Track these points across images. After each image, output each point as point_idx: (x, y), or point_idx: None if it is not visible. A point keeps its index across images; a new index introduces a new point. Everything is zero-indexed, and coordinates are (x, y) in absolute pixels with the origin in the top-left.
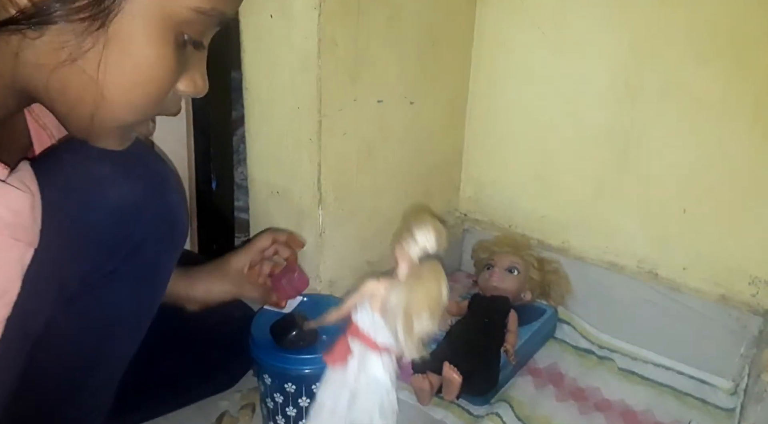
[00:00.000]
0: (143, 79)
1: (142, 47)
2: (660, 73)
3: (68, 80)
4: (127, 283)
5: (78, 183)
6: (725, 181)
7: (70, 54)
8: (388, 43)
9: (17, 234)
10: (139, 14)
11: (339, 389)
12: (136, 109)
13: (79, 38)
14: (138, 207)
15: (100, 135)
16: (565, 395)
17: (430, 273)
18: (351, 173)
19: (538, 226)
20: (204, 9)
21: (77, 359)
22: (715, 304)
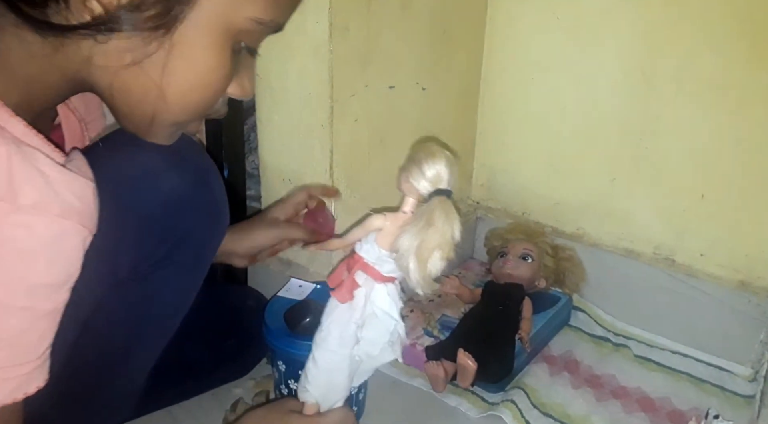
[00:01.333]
0: (201, 84)
1: (202, 54)
2: (675, 59)
3: (132, 82)
4: (173, 271)
5: (131, 173)
6: (742, 166)
7: (135, 58)
8: (400, 28)
9: (84, 220)
10: (202, 23)
11: (346, 319)
12: (192, 111)
13: (145, 43)
14: (186, 199)
15: (155, 132)
16: (581, 382)
17: (441, 213)
18: (363, 160)
19: (552, 213)
20: (263, 20)
21: (119, 343)
22: (734, 290)
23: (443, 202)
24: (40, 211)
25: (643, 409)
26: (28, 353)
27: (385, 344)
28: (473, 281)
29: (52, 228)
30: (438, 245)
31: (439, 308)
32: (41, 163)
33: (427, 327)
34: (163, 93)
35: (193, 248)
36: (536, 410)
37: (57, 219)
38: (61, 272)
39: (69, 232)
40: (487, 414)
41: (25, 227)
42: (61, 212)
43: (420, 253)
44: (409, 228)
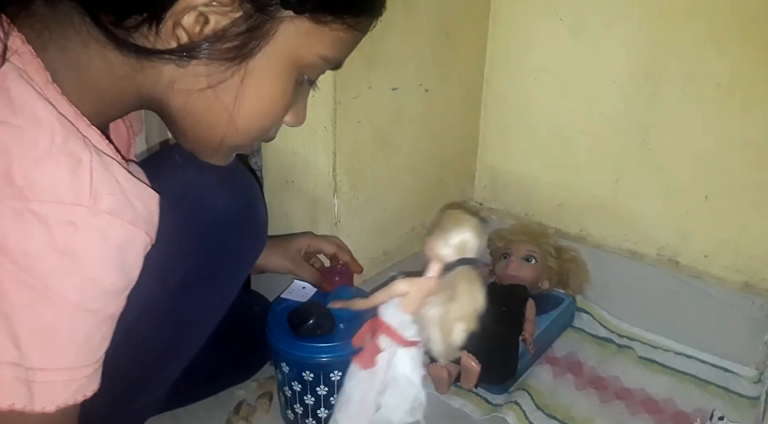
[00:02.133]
0: (267, 112)
1: (271, 84)
2: (680, 60)
3: (206, 106)
4: (215, 286)
5: (185, 189)
6: (747, 167)
7: (210, 83)
8: (403, 30)
9: (149, 229)
10: (275, 56)
11: (367, 383)
12: (253, 136)
13: (221, 70)
14: (236, 218)
15: (215, 154)
16: (585, 384)
17: (465, 285)
18: (366, 162)
19: (555, 214)
20: (328, 57)
21: (157, 351)
22: (738, 291)
23: (468, 272)
24: (115, 217)
25: (647, 410)
26: (90, 356)
27: (406, 411)
28: None
29: (123, 234)
30: (461, 317)
31: None
32: (117, 172)
33: None
34: (233, 119)
35: (237, 264)
36: (540, 412)
37: (127, 226)
38: (127, 277)
39: (136, 239)
40: (491, 416)
41: (101, 231)
42: (132, 219)
43: (443, 324)
44: (434, 299)
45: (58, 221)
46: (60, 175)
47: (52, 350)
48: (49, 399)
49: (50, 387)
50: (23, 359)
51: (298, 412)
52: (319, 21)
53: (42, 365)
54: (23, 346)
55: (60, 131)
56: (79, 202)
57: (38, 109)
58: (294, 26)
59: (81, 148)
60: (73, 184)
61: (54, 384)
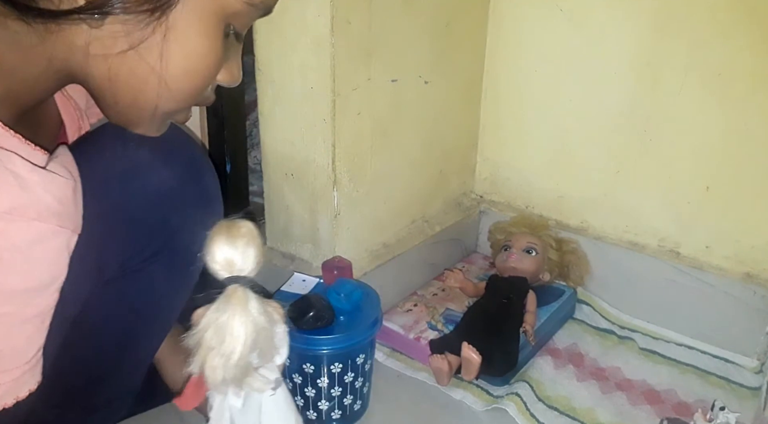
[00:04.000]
0: (195, 69)
1: (196, 38)
2: (681, 50)
3: (130, 69)
4: (163, 267)
5: (118, 169)
6: (749, 157)
7: (131, 43)
8: (403, 21)
9: (63, 222)
10: (196, 6)
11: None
12: (186, 99)
13: (140, 28)
14: (176, 192)
15: (146, 123)
16: (586, 375)
17: (224, 311)
18: (365, 154)
19: (556, 206)
20: (255, 2)
21: (111, 340)
22: (739, 282)
23: (229, 295)
24: (14, 216)
25: (648, 401)
26: (14, 359)
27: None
28: (477, 275)
29: (28, 233)
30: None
31: (443, 302)
32: (15, 165)
33: (431, 321)
34: (163, 79)
35: (185, 241)
36: (541, 403)
37: (33, 223)
38: (42, 276)
39: (47, 235)
40: (491, 407)
41: (1, 233)
42: (38, 215)
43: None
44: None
45: None
46: None
47: None
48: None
49: None
50: None
51: (298, 404)
52: None
53: None
54: None
55: None
56: None
57: None
58: None
59: None
60: None
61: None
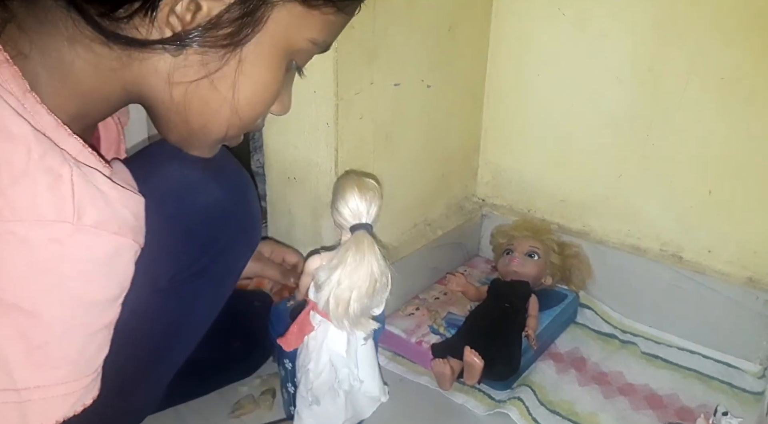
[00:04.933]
0: (259, 99)
1: (264, 71)
2: (684, 53)
3: (198, 97)
4: (208, 283)
5: (174, 186)
6: (752, 162)
7: (206, 73)
8: (406, 25)
9: (137, 236)
10: (268, 41)
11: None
12: (246, 125)
13: (214, 59)
14: (226, 212)
15: (201, 146)
16: (588, 380)
17: (354, 251)
18: (368, 158)
19: (558, 210)
20: (318, 41)
21: (151, 349)
22: (742, 287)
23: (358, 238)
24: (100, 230)
25: (650, 406)
26: (87, 367)
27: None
28: (479, 279)
29: (110, 246)
30: (351, 286)
31: (444, 306)
32: (99, 181)
33: (432, 325)
34: (233, 108)
35: (229, 260)
36: (543, 408)
37: (114, 237)
38: (117, 287)
39: (124, 249)
40: (494, 412)
41: (87, 246)
42: (119, 228)
43: (337, 296)
44: (325, 264)
45: (42, 239)
46: (39, 192)
47: (46, 369)
48: (48, 415)
49: (48, 403)
50: (15, 382)
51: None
52: (311, 5)
53: (37, 383)
54: (14, 369)
55: (36, 147)
56: (62, 219)
57: (12, 125)
58: (286, 11)
59: (60, 162)
60: (54, 201)
61: (52, 400)
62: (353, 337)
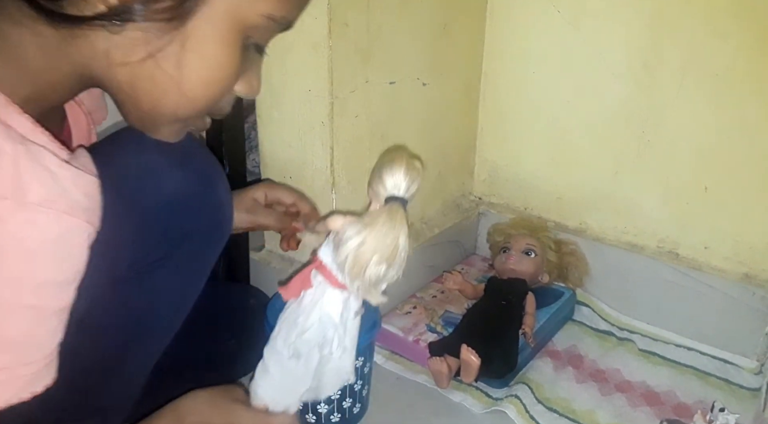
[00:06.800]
0: (212, 78)
1: (213, 47)
2: (679, 49)
3: (146, 77)
4: (172, 272)
5: (133, 170)
6: (747, 158)
7: (148, 51)
8: (400, 23)
9: (90, 217)
10: (214, 17)
11: (293, 320)
12: (201, 106)
13: (158, 36)
14: (189, 199)
15: (161, 128)
16: (585, 377)
17: (386, 218)
18: (364, 156)
19: (554, 207)
20: (275, 16)
21: (116, 342)
22: (738, 283)
23: (393, 208)
24: (47, 208)
25: (648, 403)
26: (35, 352)
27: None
28: (476, 277)
29: (59, 225)
30: (375, 249)
31: (441, 304)
32: (48, 160)
33: (430, 323)
34: (180, 88)
35: (194, 248)
36: (541, 405)
37: (64, 216)
38: (68, 270)
39: (76, 229)
40: (491, 410)
41: (32, 224)
42: (69, 208)
43: (357, 253)
44: (354, 226)
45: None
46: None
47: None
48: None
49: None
50: None
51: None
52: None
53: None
54: None
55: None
56: (3, 196)
57: None
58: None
59: (2, 138)
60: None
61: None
62: (348, 306)
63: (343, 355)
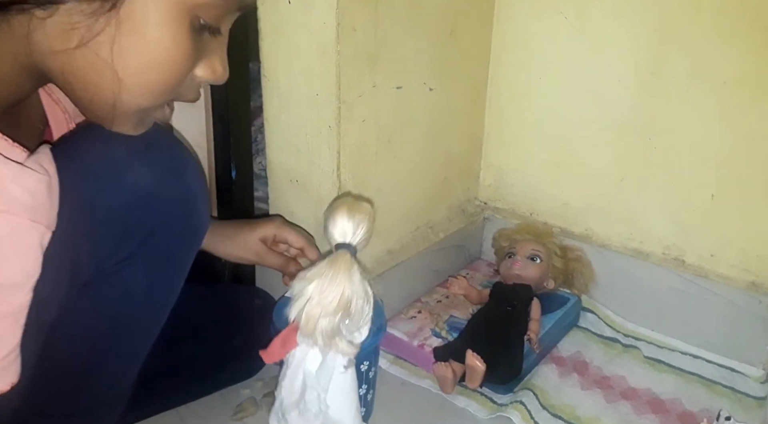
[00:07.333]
0: (158, 63)
1: (155, 29)
2: (686, 56)
3: (84, 65)
4: (141, 270)
5: (94, 166)
6: (754, 165)
7: (81, 37)
8: (408, 28)
9: (36, 216)
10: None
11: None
12: (152, 94)
13: (90, 20)
14: (153, 192)
15: (118, 120)
16: (590, 384)
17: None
18: (370, 161)
19: (560, 213)
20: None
21: (90, 345)
22: (745, 291)
23: (336, 257)
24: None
25: (653, 410)
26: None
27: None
28: (481, 282)
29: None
30: (320, 302)
31: (447, 309)
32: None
33: (435, 328)
34: (117, 74)
35: (163, 244)
36: (545, 412)
37: (4, 215)
38: (14, 272)
39: (19, 229)
40: (496, 415)
41: None
42: (7, 207)
43: (306, 312)
44: (302, 274)
45: None
46: None
47: None
48: None
49: None
50: None
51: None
52: None
53: None
54: None
55: None
56: None
57: None
58: None
59: None
60: None
61: None
62: (329, 359)
63: (334, 411)
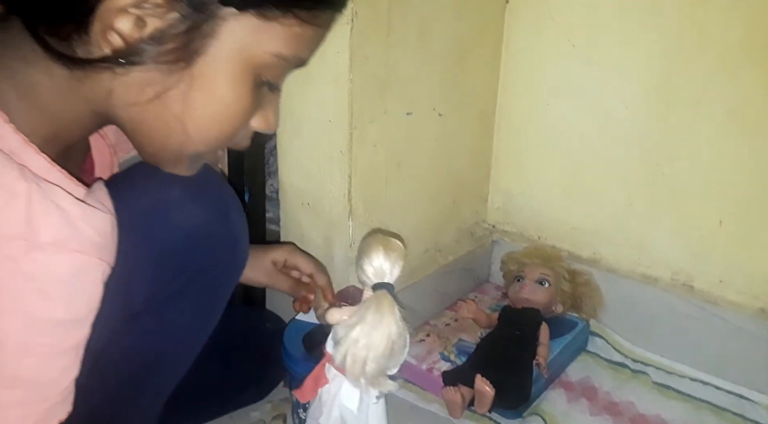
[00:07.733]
0: (222, 117)
1: (222, 88)
2: (693, 84)
3: (154, 116)
4: (188, 305)
5: (149, 205)
6: (762, 192)
7: (156, 91)
8: (418, 56)
9: (102, 254)
10: (222, 57)
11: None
12: (213, 143)
13: (165, 77)
14: (204, 232)
15: (174, 163)
16: (599, 409)
17: (375, 310)
18: (381, 185)
19: (568, 237)
20: (285, 55)
21: (130, 376)
22: (754, 317)
23: (379, 299)
24: (58, 247)
25: None
26: (49, 389)
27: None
28: (489, 305)
29: (71, 264)
30: (368, 345)
31: (455, 333)
32: (60, 198)
33: (443, 352)
34: (185, 127)
35: (210, 281)
36: None
37: (76, 255)
38: (81, 307)
39: (88, 267)
40: None
41: (45, 264)
42: (80, 247)
43: (353, 354)
44: (345, 319)
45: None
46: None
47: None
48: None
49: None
50: None
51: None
52: (267, 17)
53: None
54: None
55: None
56: (16, 236)
57: None
58: (240, 24)
59: (15, 178)
60: (8, 218)
61: (5, 421)
62: (366, 394)
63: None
